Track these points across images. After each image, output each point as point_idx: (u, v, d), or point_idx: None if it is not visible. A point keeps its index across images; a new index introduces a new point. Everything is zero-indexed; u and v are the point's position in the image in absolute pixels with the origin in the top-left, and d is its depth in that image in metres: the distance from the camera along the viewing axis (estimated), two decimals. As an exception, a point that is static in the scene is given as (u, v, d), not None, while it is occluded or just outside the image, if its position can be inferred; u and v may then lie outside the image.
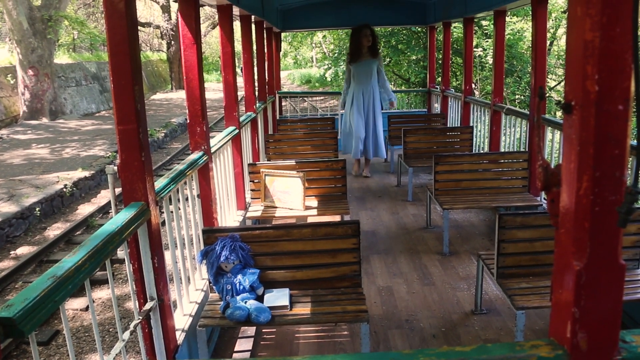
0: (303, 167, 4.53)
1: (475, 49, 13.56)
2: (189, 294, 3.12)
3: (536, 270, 2.99)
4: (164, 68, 30.55)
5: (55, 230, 7.31)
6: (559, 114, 9.92)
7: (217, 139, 4.08)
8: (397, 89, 16.28)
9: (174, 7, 26.85)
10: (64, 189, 8.53)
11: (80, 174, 9.43)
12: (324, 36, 23.45)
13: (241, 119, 5.07)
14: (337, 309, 2.75)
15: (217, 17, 4.87)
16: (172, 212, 2.91)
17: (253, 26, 6.52)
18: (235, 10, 4.97)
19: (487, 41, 13.97)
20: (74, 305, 5.03)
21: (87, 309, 4.97)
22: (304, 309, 2.76)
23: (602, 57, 0.90)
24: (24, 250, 6.59)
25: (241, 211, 4.80)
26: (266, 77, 7.64)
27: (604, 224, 0.97)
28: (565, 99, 0.99)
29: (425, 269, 4.16)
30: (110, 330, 4.69)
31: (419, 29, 14.90)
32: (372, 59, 6.85)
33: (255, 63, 6.45)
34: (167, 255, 3.07)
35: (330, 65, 20.15)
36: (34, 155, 11.37)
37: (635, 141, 3.20)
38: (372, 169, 7.60)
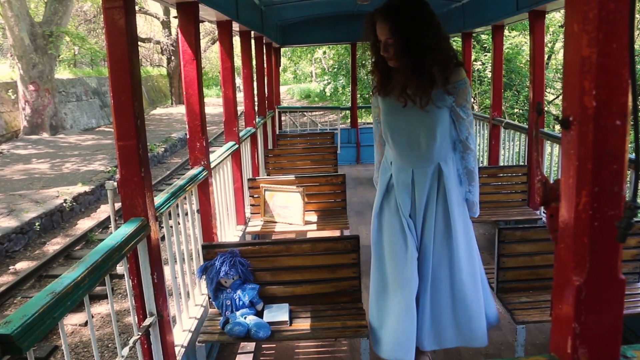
0: (302, 181, 4.54)
1: (474, 63, 13.63)
2: (189, 310, 3.11)
3: (536, 285, 2.98)
4: (164, 83, 30.72)
5: (54, 245, 7.29)
6: (557, 127, 9.93)
7: (216, 154, 4.09)
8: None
9: (174, 22, 27.02)
10: (64, 204, 8.52)
11: (80, 188, 9.42)
12: (324, 52, 23.63)
13: (241, 134, 5.08)
14: (337, 325, 2.74)
15: (217, 32, 4.91)
16: (171, 227, 2.91)
17: (253, 41, 6.57)
18: (235, 26, 5.01)
19: (486, 55, 14.05)
20: (73, 320, 5.00)
21: (86, 324, 4.94)
22: (303, 325, 2.75)
23: (599, 72, 0.91)
24: (23, 265, 6.56)
25: (241, 226, 4.79)
26: (266, 92, 7.67)
27: (603, 239, 0.96)
28: (563, 114, 0.99)
29: (425, 284, 4.13)
30: (110, 345, 4.66)
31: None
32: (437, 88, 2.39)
33: (255, 78, 6.48)
34: (167, 270, 3.07)
35: (329, 80, 20.29)
36: (34, 170, 11.38)
37: (633, 155, 3.21)
38: (370, 185, 4.63)
